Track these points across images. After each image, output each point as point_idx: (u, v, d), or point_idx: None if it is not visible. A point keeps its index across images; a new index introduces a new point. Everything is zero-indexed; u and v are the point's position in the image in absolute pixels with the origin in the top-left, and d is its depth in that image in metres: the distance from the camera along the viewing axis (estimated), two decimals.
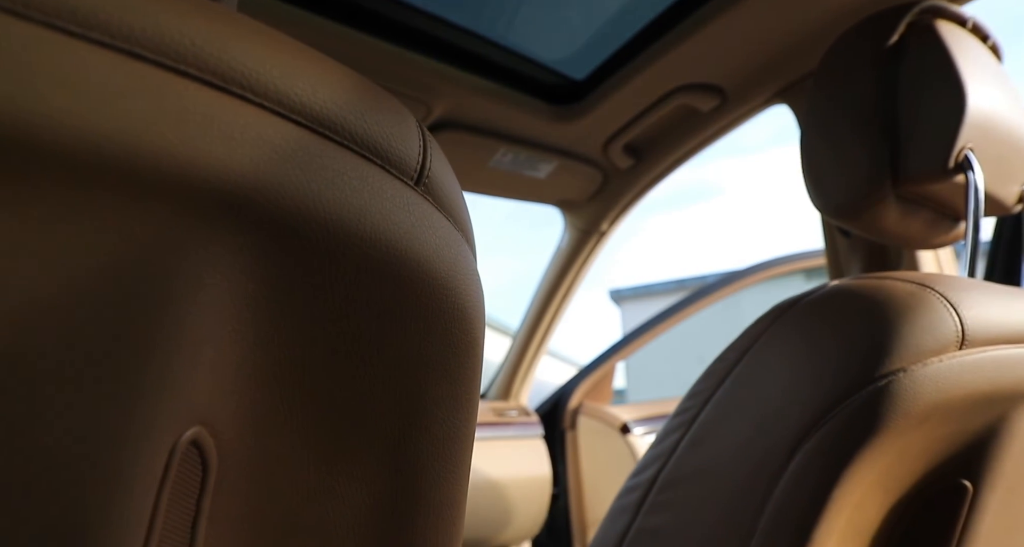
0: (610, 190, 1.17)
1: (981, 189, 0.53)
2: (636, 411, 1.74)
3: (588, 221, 1.25)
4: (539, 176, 1.11)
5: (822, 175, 0.59)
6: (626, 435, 1.66)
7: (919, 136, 0.54)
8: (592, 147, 1.05)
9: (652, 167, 1.09)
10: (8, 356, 0.15)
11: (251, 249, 0.19)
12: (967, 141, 0.52)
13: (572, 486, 1.63)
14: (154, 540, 0.19)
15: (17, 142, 0.15)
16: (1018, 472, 0.49)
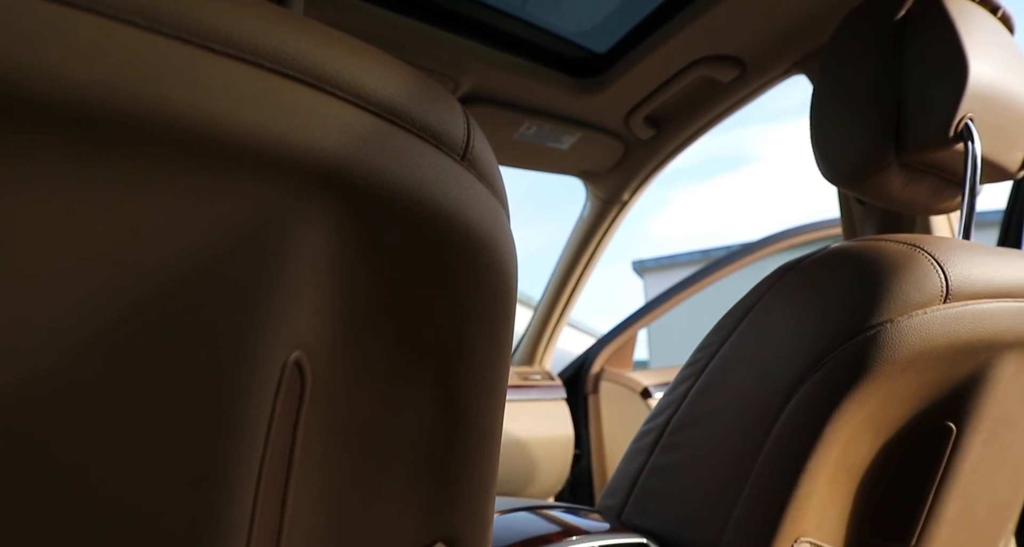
0: (631, 161, 1.20)
1: (979, 157, 0.56)
2: (656, 376, 1.79)
3: (610, 191, 1.29)
4: (562, 148, 1.15)
5: (829, 143, 0.62)
6: (647, 399, 1.72)
7: (922, 106, 0.57)
8: (614, 119, 1.09)
9: (673, 138, 1.13)
10: (155, 300, 0.21)
11: (336, 215, 0.24)
12: (967, 111, 0.55)
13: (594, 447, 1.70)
14: (271, 438, 0.25)
15: (160, 135, 0.20)
16: (998, 415, 0.54)
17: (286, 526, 0.28)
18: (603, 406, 1.73)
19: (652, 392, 1.73)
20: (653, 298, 1.82)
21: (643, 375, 1.78)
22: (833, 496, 0.52)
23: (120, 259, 0.20)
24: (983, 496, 0.58)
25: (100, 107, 0.18)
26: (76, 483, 0.20)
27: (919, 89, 0.58)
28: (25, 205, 0.18)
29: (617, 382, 1.74)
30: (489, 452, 0.35)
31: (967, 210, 0.59)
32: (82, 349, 0.20)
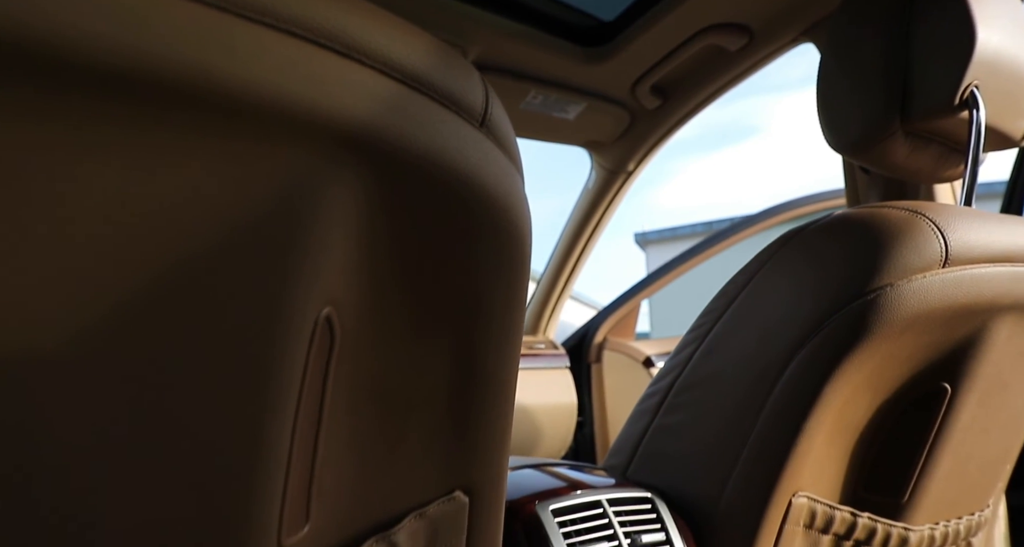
0: (637, 130, 1.20)
1: (983, 125, 0.57)
2: (659, 346, 1.82)
3: (615, 161, 1.29)
4: (568, 117, 1.15)
5: (835, 112, 0.63)
6: (649, 368, 1.75)
7: (928, 73, 0.57)
8: (620, 88, 1.08)
9: (679, 107, 1.13)
10: (201, 258, 0.22)
11: (364, 177, 0.26)
12: (974, 78, 0.56)
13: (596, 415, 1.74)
14: (304, 389, 0.27)
15: (203, 101, 0.21)
16: (992, 376, 0.56)
17: (317, 472, 0.30)
18: (606, 375, 1.76)
19: (654, 361, 1.76)
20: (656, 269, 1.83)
21: (645, 345, 1.81)
22: (830, 454, 0.55)
23: (168, 218, 0.21)
24: (975, 454, 0.61)
25: (148, 73, 0.19)
26: (131, 427, 0.22)
27: (926, 56, 0.58)
28: (84, 166, 0.19)
29: (620, 351, 1.77)
30: (504, 406, 0.37)
31: (970, 177, 0.60)
32: (133, 305, 0.21)
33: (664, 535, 0.51)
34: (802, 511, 0.53)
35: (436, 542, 0.36)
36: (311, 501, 0.30)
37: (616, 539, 0.48)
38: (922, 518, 0.60)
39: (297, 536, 0.29)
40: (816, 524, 0.55)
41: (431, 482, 0.36)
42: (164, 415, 0.23)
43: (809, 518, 0.54)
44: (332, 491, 0.31)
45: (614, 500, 0.51)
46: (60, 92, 0.18)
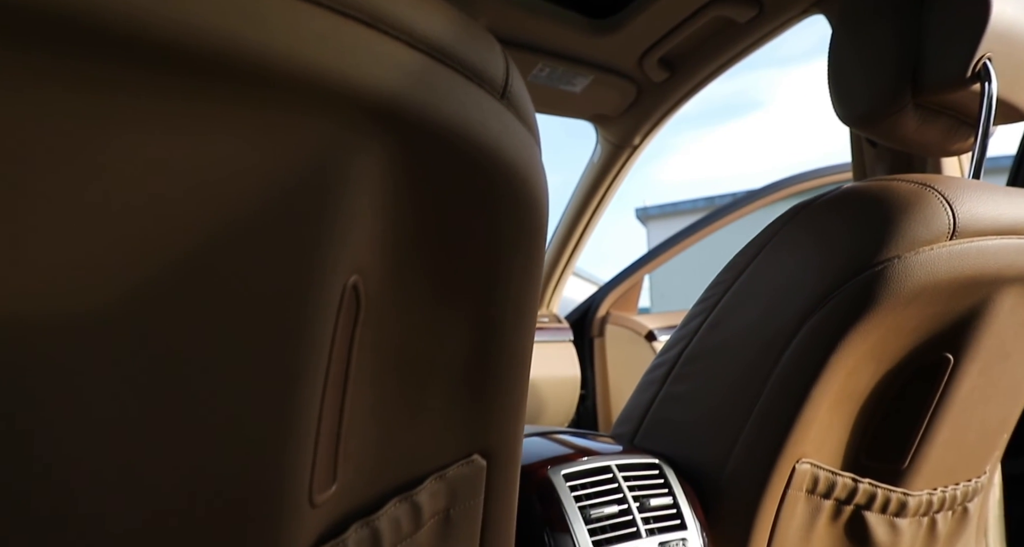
0: (644, 104, 1.20)
1: (995, 97, 0.57)
2: (661, 320, 1.84)
3: (621, 135, 1.29)
4: (574, 90, 1.14)
5: (846, 84, 0.63)
6: (651, 342, 1.77)
7: (941, 45, 0.57)
8: (627, 61, 1.08)
9: (687, 80, 1.12)
10: (235, 226, 0.23)
11: (390, 148, 0.26)
12: (987, 51, 0.56)
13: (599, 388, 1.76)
14: (332, 356, 0.28)
15: (236, 72, 0.21)
16: (994, 346, 0.57)
17: (343, 435, 0.31)
18: (608, 349, 1.78)
19: (657, 335, 1.77)
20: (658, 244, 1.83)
21: (648, 319, 1.82)
22: (833, 422, 0.56)
23: (204, 189, 0.22)
24: (974, 422, 0.62)
25: (184, 45, 0.20)
26: (170, 393, 0.23)
27: (939, 28, 0.58)
28: (123, 136, 0.20)
29: (622, 325, 1.78)
30: (521, 373, 0.38)
31: (979, 150, 0.61)
32: (169, 273, 0.22)
33: (671, 499, 0.52)
34: (805, 477, 0.55)
35: (455, 503, 0.38)
36: (338, 462, 0.31)
37: (625, 503, 0.50)
38: (921, 484, 0.62)
39: (326, 494, 0.30)
40: (818, 489, 0.56)
41: (450, 446, 0.37)
42: (201, 382, 0.24)
43: (812, 484, 0.56)
44: (356, 453, 0.32)
45: (623, 465, 0.52)
46: (99, 62, 0.19)
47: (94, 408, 0.22)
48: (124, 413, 0.22)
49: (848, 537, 0.60)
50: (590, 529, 0.47)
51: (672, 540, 0.50)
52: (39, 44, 0.18)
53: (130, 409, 0.22)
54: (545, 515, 0.47)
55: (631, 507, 0.50)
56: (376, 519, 0.33)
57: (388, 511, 0.34)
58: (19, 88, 0.18)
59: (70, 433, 0.21)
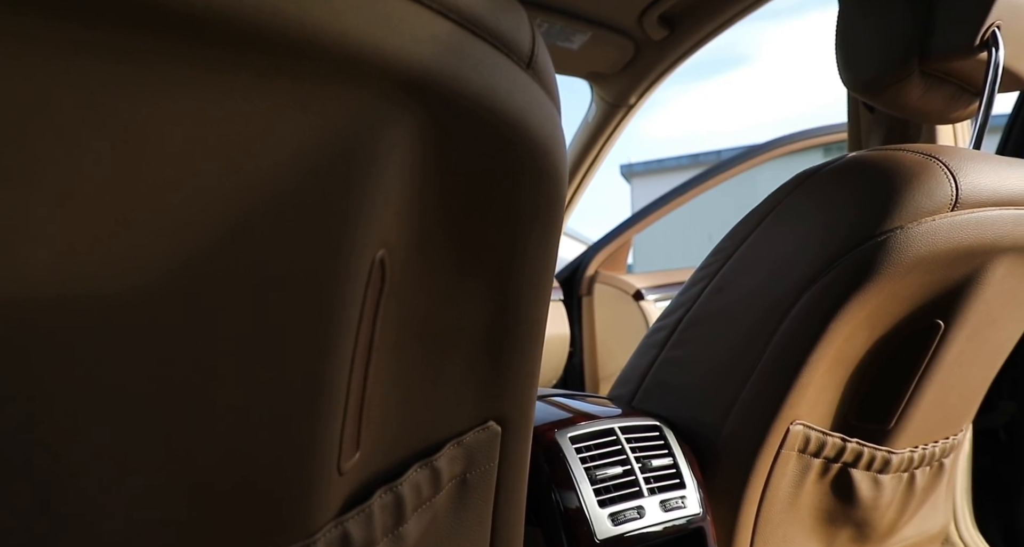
0: (641, 62, 1.18)
1: (1001, 66, 0.57)
2: (649, 280, 1.86)
3: (617, 94, 1.27)
4: (572, 47, 1.11)
5: (853, 51, 0.62)
6: (639, 301, 1.80)
7: (951, 14, 0.57)
8: (627, 17, 1.05)
9: (686, 39, 1.10)
10: (271, 199, 0.23)
11: (421, 121, 0.26)
12: (996, 18, 0.55)
13: (587, 346, 1.80)
14: (362, 324, 0.28)
15: (274, 43, 0.21)
16: (983, 313, 0.59)
17: (366, 405, 0.31)
18: (596, 307, 1.80)
19: (644, 295, 1.80)
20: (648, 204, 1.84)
21: (635, 278, 1.84)
22: (827, 385, 0.58)
23: (241, 160, 0.22)
24: (957, 384, 0.65)
25: (223, 16, 0.19)
26: (208, 363, 0.23)
27: None
28: (160, 107, 0.19)
29: (611, 284, 1.80)
30: (535, 342, 0.39)
31: (982, 119, 0.61)
32: (206, 246, 0.22)
33: (671, 459, 0.54)
34: (797, 437, 0.57)
35: (472, 467, 0.39)
36: (361, 431, 0.32)
37: (628, 463, 0.52)
38: (904, 442, 0.65)
39: (351, 462, 0.31)
40: (809, 449, 0.59)
41: (467, 413, 0.38)
42: (236, 358, 0.24)
43: (803, 443, 0.58)
44: (378, 421, 0.33)
45: (625, 428, 0.54)
46: (134, 34, 0.18)
47: (132, 386, 0.22)
48: (163, 390, 0.23)
49: (834, 492, 0.63)
50: (595, 489, 0.49)
51: (672, 498, 0.52)
52: (73, 16, 0.17)
53: (169, 385, 0.23)
54: (553, 475, 0.49)
55: (633, 468, 0.52)
56: (399, 485, 0.34)
57: (410, 477, 0.35)
58: (50, 59, 0.17)
59: (108, 412, 0.22)
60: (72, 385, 0.21)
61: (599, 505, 0.49)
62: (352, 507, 0.32)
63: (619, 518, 0.49)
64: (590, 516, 0.48)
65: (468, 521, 0.40)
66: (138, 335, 0.21)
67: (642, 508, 0.50)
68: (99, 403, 0.21)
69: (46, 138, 0.18)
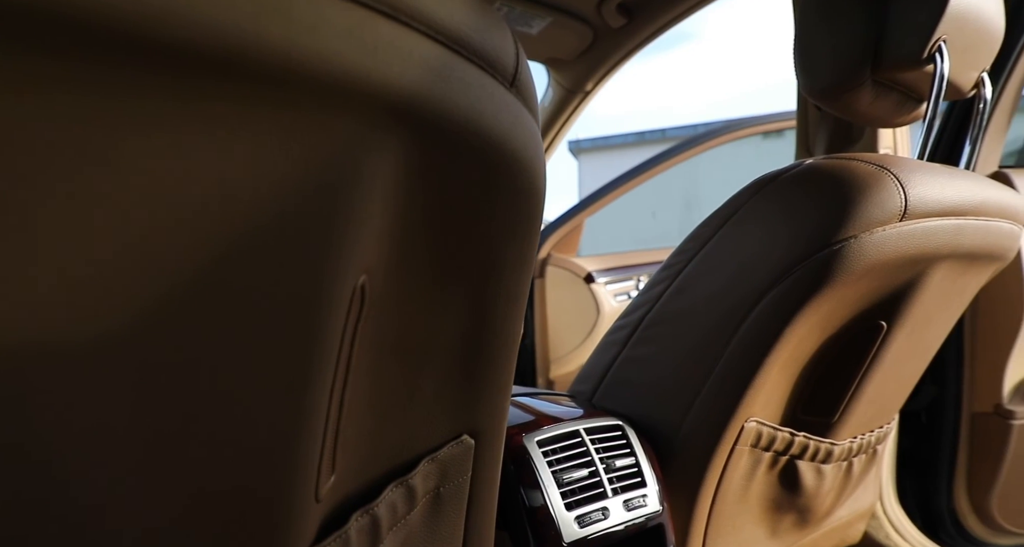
0: (599, 49, 1.17)
1: (946, 77, 0.60)
2: (600, 262, 1.88)
3: (574, 80, 1.26)
4: (531, 32, 1.09)
5: (811, 58, 0.63)
6: (590, 284, 1.82)
7: (901, 26, 0.59)
8: (586, 4, 1.04)
9: (643, 28, 1.10)
10: (252, 230, 0.22)
11: (407, 145, 0.25)
12: (943, 33, 0.58)
13: (538, 328, 1.81)
14: (342, 349, 0.27)
15: (258, 72, 0.19)
16: (921, 314, 0.63)
17: (342, 427, 0.31)
18: (548, 289, 1.82)
19: (595, 277, 1.83)
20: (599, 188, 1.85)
21: (587, 261, 1.87)
22: (779, 383, 0.61)
23: (220, 192, 0.20)
24: (894, 378, 0.69)
25: (204, 46, 0.18)
26: (188, 399, 0.22)
27: (902, 10, 0.59)
28: (131, 140, 0.18)
29: (562, 267, 1.82)
30: (510, 355, 0.38)
31: (926, 130, 0.64)
32: (190, 276, 0.21)
33: (633, 459, 0.56)
34: (751, 434, 0.60)
35: (445, 481, 0.39)
36: (336, 453, 0.31)
37: (593, 465, 0.53)
38: (845, 434, 0.69)
39: (327, 486, 0.30)
40: (761, 444, 0.62)
41: (441, 428, 0.37)
42: (219, 386, 0.23)
43: (756, 439, 0.61)
44: (354, 442, 0.32)
45: (590, 429, 0.55)
46: (115, 66, 0.17)
47: (113, 415, 0.21)
48: (144, 426, 0.21)
49: (781, 483, 0.66)
50: (562, 492, 0.50)
51: (634, 497, 0.54)
52: (41, 48, 0.15)
53: (149, 421, 0.21)
54: (521, 480, 0.50)
55: (599, 469, 0.53)
56: (375, 506, 0.34)
57: (386, 497, 0.35)
58: (26, 92, 0.16)
59: (91, 440, 0.21)
60: (54, 427, 0.19)
61: (566, 508, 0.50)
62: (328, 531, 0.32)
63: (585, 520, 0.50)
64: (557, 519, 0.49)
65: (442, 533, 0.40)
66: (118, 373, 0.20)
67: (607, 509, 0.52)
68: (79, 440, 0.20)
69: (18, 174, 0.16)
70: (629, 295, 1.89)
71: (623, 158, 9.77)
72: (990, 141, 0.98)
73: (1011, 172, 1.00)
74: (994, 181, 0.65)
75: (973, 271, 0.66)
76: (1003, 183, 0.99)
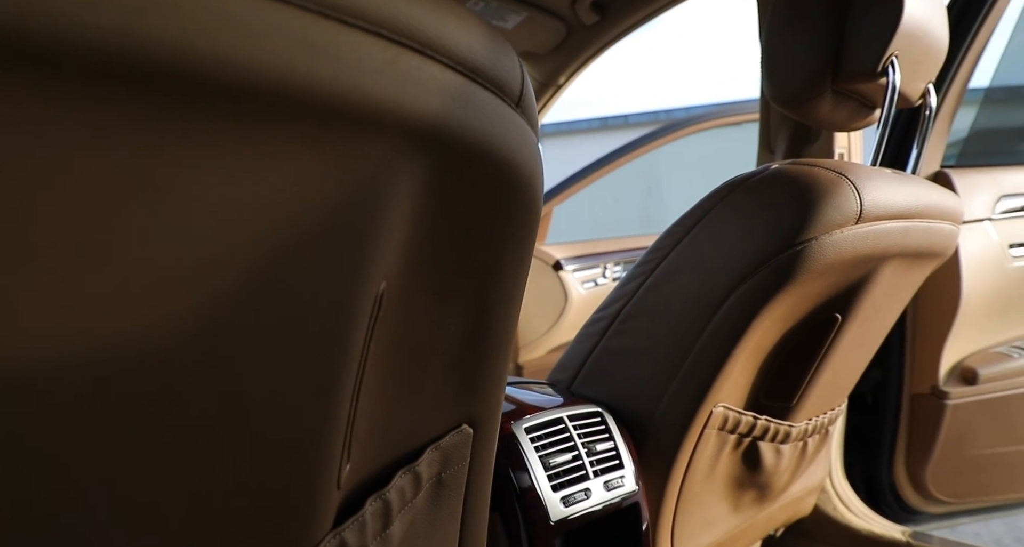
0: (572, 44, 1.19)
1: (898, 89, 0.65)
2: (568, 250, 1.93)
3: (546, 74, 1.28)
4: (506, 26, 1.11)
5: (778, 68, 0.68)
6: (558, 271, 1.86)
7: (858, 43, 0.64)
8: (561, 1, 1.06)
9: (616, 24, 1.13)
10: (292, 250, 0.24)
11: (427, 167, 0.27)
12: (895, 49, 0.63)
13: None
14: (366, 348, 0.30)
15: (305, 111, 0.22)
16: (871, 306, 0.69)
17: (357, 419, 0.33)
18: None
19: (563, 265, 1.87)
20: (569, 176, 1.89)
21: (556, 249, 1.90)
22: (744, 372, 0.66)
23: (267, 217, 0.23)
24: (845, 365, 0.76)
25: (263, 87, 0.20)
26: (225, 402, 0.25)
27: (859, 28, 0.64)
28: (198, 173, 0.20)
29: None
30: (507, 350, 0.41)
31: (879, 138, 0.69)
32: (236, 296, 0.23)
33: (612, 443, 0.60)
34: (719, 418, 0.65)
35: (447, 467, 0.42)
36: (351, 444, 0.34)
37: (576, 449, 0.57)
38: (802, 416, 0.75)
39: (343, 474, 0.33)
40: (727, 427, 0.67)
41: (444, 418, 0.40)
42: (256, 391, 0.25)
43: (723, 422, 0.66)
44: (367, 433, 0.35)
45: (572, 416, 0.59)
46: (179, 112, 0.19)
47: (168, 414, 0.23)
48: (184, 428, 0.24)
49: (744, 462, 0.72)
50: (548, 475, 0.54)
51: (613, 478, 0.58)
52: (122, 94, 0.17)
53: (189, 424, 0.24)
54: (511, 464, 0.53)
55: (581, 453, 0.57)
56: (387, 491, 0.37)
57: (396, 483, 0.38)
58: (111, 129, 0.18)
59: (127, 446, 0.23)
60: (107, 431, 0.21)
61: (552, 490, 0.53)
62: (346, 515, 0.34)
63: (569, 500, 0.54)
64: (545, 500, 0.53)
65: (443, 515, 0.43)
66: (173, 376, 0.22)
67: (589, 490, 0.56)
68: (122, 437, 0.22)
69: (90, 201, 0.18)
70: (596, 282, 1.93)
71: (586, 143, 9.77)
72: (933, 143, 1.05)
73: (951, 172, 1.08)
74: (937, 185, 0.72)
75: (917, 267, 0.72)
76: (943, 183, 1.07)
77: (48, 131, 0.17)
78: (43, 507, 0.21)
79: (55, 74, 0.16)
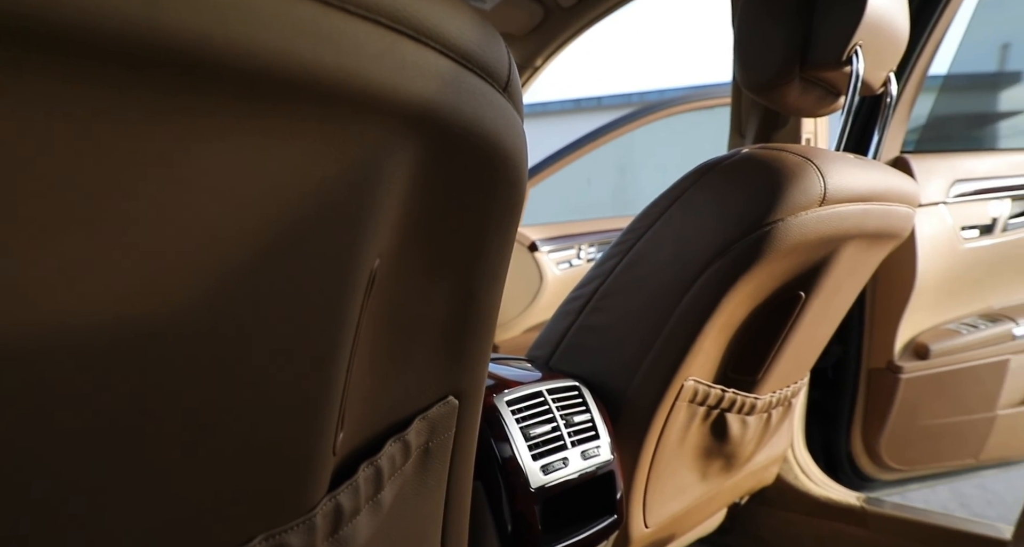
0: (549, 26, 1.20)
1: (861, 78, 0.68)
2: (543, 232, 1.95)
3: (524, 56, 1.29)
4: (484, 7, 1.11)
5: (750, 55, 0.70)
6: (534, 253, 1.89)
7: (824, 33, 0.66)
8: None
9: (593, 7, 1.14)
10: (295, 226, 0.25)
11: (420, 149, 0.29)
12: (859, 39, 0.66)
13: None
14: (361, 317, 0.32)
15: (311, 93, 0.23)
16: (832, 284, 0.73)
17: (348, 389, 0.35)
18: None
19: (539, 246, 1.89)
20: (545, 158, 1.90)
21: (531, 230, 1.93)
22: (713, 347, 0.69)
23: (271, 194, 0.24)
24: (808, 340, 0.80)
25: (273, 72, 0.21)
26: (229, 371, 0.26)
27: (826, 18, 0.67)
28: (208, 151, 0.22)
29: None
30: (490, 326, 0.44)
31: (843, 124, 0.73)
32: (242, 272, 0.24)
33: (589, 415, 0.63)
34: (689, 391, 0.68)
35: (433, 437, 0.44)
36: (345, 413, 0.35)
37: (555, 421, 0.60)
38: (767, 389, 0.79)
39: (338, 442, 0.35)
40: (697, 399, 0.70)
41: (431, 390, 0.43)
42: (259, 362, 0.27)
43: (693, 395, 0.69)
44: (358, 402, 0.37)
45: (551, 389, 0.62)
46: (195, 91, 0.20)
47: (177, 383, 0.25)
48: (189, 396, 0.25)
49: (712, 433, 0.76)
50: (528, 444, 0.57)
51: (590, 448, 0.61)
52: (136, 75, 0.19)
53: (202, 385, 0.25)
54: (493, 435, 0.56)
55: (559, 425, 0.60)
56: (378, 458, 0.39)
57: (386, 450, 0.40)
58: (124, 113, 0.19)
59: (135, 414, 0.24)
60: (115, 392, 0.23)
61: (532, 459, 0.56)
62: (340, 481, 0.36)
63: (548, 469, 0.57)
64: (525, 468, 0.55)
65: (430, 481, 0.45)
66: (174, 352, 0.24)
67: (567, 459, 0.59)
68: (130, 398, 0.24)
69: (101, 181, 0.19)
70: (571, 263, 1.96)
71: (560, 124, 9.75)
72: (894, 129, 1.10)
73: (910, 157, 1.13)
74: (896, 170, 0.75)
75: (876, 248, 0.76)
76: (903, 168, 1.11)
77: (68, 108, 0.18)
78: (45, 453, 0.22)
79: (81, 56, 0.17)
